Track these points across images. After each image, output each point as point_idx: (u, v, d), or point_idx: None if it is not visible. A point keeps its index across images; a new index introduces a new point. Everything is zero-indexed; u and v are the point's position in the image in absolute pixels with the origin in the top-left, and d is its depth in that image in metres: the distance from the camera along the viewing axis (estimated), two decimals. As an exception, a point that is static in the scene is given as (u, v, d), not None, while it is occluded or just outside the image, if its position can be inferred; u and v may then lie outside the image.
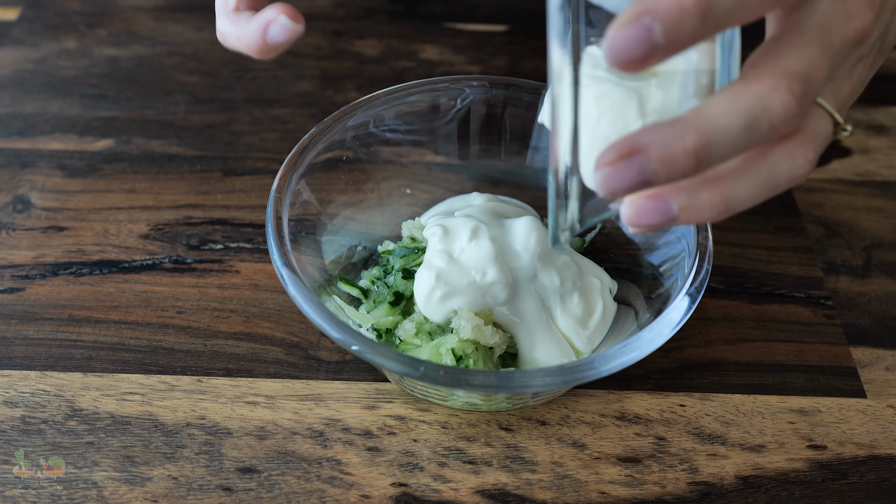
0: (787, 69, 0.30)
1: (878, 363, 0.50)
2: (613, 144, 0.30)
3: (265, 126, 0.63)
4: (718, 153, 0.30)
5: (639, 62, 0.28)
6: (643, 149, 0.29)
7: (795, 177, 0.32)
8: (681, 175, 0.30)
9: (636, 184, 0.30)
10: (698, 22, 0.28)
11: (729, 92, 0.30)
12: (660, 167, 0.29)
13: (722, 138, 0.30)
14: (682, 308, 0.42)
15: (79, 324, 0.50)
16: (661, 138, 0.29)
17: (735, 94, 0.30)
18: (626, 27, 0.27)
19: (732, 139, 0.30)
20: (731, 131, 0.30)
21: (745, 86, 0.30)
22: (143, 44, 0.70)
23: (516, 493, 0.44)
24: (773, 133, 0.30)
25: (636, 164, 0.29)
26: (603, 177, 0.30)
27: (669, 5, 0.27)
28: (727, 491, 0.44)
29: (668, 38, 0.28)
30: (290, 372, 0.48)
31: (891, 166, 0.62)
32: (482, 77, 0.53)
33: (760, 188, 0.32)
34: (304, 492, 0.43)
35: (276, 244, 0.44)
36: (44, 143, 0.61)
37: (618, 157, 0.29)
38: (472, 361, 0.44)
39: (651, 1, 0.28)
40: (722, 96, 0.30)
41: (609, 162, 0.30)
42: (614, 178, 0.30)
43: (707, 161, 0.30)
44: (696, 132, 0.29)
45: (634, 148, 0.29)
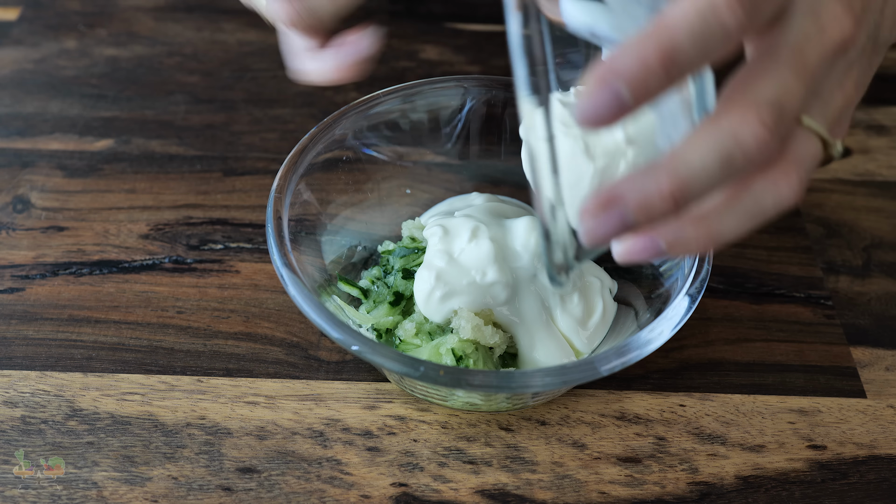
0: (757, 98, 0.30)
1: (878, 363, 0.50)
2: (592, 196, 0.30)
3: (265, 126, 0.63)
4: (696, 192, 0.30)
5: (607, 121, 0.28)
6: (620, 199, 0.30)
7: (782, 204, 0.32)
8: (662, 217, 0.30)
9: (618, 231, 0.30)
10: (663, 76, 0.28)
11: (701, 129, 0.30)
12: (639, 214, 0.30)
13: (697, 178, 0.30)
14: (682, 308, 0.42)
15: (79, 324, 0.50)
16: (637, 186, 0.30)
17: (705, 131, 0.30)
18: (593, 94, 0.28)
19: (708, 177, 0.30)
20: (706, 170, 0.30)
21: (717, 121, 0.30)
22: (143, 44, 0.70)
23: (516, 493, 0.44)
24: (751, 165, 0.30)
25: (616, 215, 0.30)
26: (586, 229, 0.31)
27: (632, 65, 0.28)
28: (727, 491, 0.44)
29: (636, 94, 0.28)
30: (290, 372, 0.48)
31: (891, 166, 0.62)
32: (482, 77, 0.53)
33: (746, 220, 0.32)
34: (304, 492, 0.43)
35: (276, 244, 0.44)
36: (44, 143, 0.61)
37: (597, 208, 0.30)
38: (472, 361, 0.44)
39: (616, 63, 0.28)
40: (692, 136, 0.30)
41: (589, 213, 0.30)
42: (597, 229, 0.30)
43: (685, 201, 0.30)
44: (670, 176, 0.30)
45: (612, 198, 0.30)
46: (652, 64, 0.28)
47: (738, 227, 0.32)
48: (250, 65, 0.68)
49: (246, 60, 0.68)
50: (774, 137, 0.30)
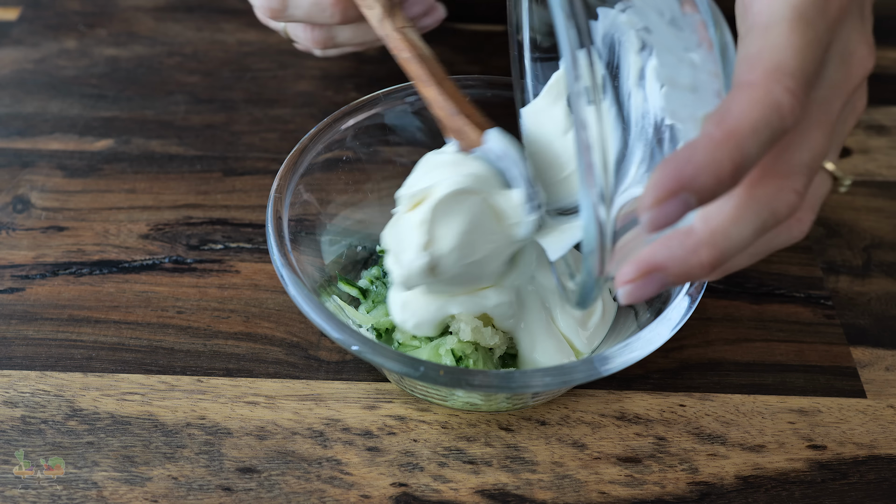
0: (790, 167, 0.31)
1: (878, 363, 0.50)
2: (632, 262, 0.31)
3: (265, 126, 0.63)
4: (730, 258, 0.31)
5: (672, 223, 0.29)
6: (661, 268, 0.31)
7: (791, 243, 0.34)
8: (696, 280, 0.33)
9: (656, 293, 0.31)
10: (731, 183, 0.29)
11: (736, 200, 0.31)
12: (677, 280, 0.31)
13: (734, 246, 0.31)
14: (682, 308, 0.42)
15: (79, 324, 0.50)
16: (678, 256, 0.31)
17: (743, 203, 0.31)
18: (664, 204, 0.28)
19: (743, 244, 0.31)
20: (742, 238, 0.31)
21: (751, 193, 0.31)
22: (143, 44, 0.70)
23: (516, 493, 0.44)
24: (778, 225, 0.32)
25: (656, 281, 0.31)
26: (625, 293, 0.31)
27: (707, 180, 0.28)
28: (727, 491, 0.44)
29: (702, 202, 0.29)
30: (290, 372, 0.48)
31: (891, 166, 0.62)
32: (482, 77, 0.53)
33: (756, 258, 0.34)
34: (304, 492, 0.43)
35: (276, 244, 0.44)
36: (44, 143, 0.61)
37: (638, 275, 0.31)
38: (471, 362, 0.44)
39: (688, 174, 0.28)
40: (729, 205, 0.31)
41: (630, 280, 0.31)
42: (636, 293, 0.31)
43: (721, 266, 0.32)
44: (710, 248, 0.31)
45: (653, 267, 0.31)
46: (724, 176, 0.28)
47: (747, 264, 0.34)
48: (250, 65, 0.68)
49: (246, 60, 0.68)
50: (803, 200, 0.32)
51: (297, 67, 0.68)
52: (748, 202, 0.31)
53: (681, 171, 0.28)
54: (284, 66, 0.68)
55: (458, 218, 0.41)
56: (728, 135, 0.28)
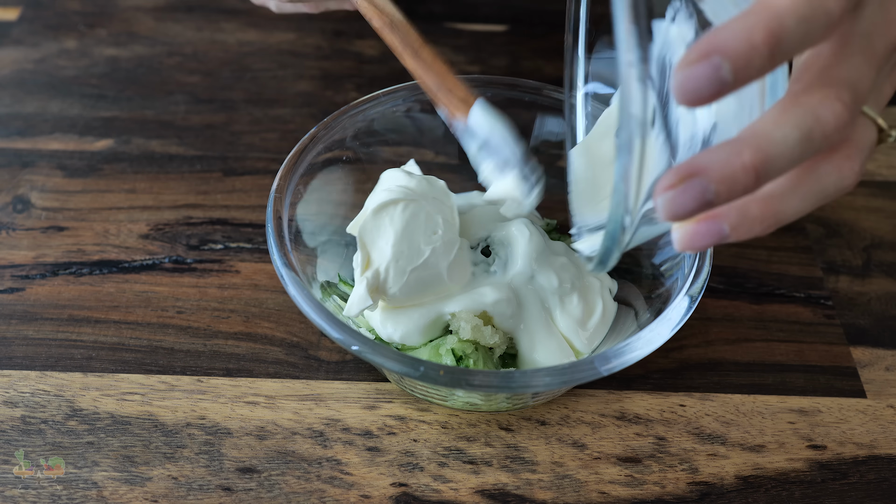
0: (835, 79, 0.30)
1: (878, 363, 0.50)
2: (671, 169, 0.30)
3: (265, 126, 0.63)
4: (776, 167, 0.30)
5: (706, 99, 0.28)
6: (702, 170, 0.29)
7: (842, 188, 0.33)
8: (741, 192, 0.30)
9: (698, 206, 0.29)
10: (767, 57, 0.28)
11: (780, 107, 0.30)
12: (721, 187, 0.29)
13: (778, 152, 0.30)
14: (682, 308, 0.42)
15: (79, 324, 0.50)
16: (719, 158, 0.29)
17: (786, 108, 0.30)
18: (694, 66, 0.27)
19: (789, 152, 0.30)
20: (787, 144, 0.30)
21: (795, 99, 0.30)
22: (143, 44, 0.70)
23: (516, 493, 0.44)
24: (826, 143, 0.30)
25: (697, 186, 0.29)
26: (665, 202, 0.30)
27: (739, 43, 0.27)
28: (727, 491, 0.44)
29: (737, 75, 0.28)
30: (290, 372, 0.48)
31: (891, 166, 0.62)
32: (482, 77, 0.53)
33: (808, 201, 0.32)
34: (304, 492, 0.43)
35: (276, 244, 0.44)
36: (44, 143, 0.61)
37: (678, 180, 0.29)
38: (472, 362, 0.44)
39: (720, 38, 0.27)
40: (773, 112, 0.30)
41: (669, 186, 0.29)
42: (677, 202, 0.29)
43: (766, 176, 0.30)
44: (753, 149, 0.29)
45: (693, 170, 0.29)
46: (758, 44, 0.27)
47: (800, 209, 0.32)
48: (250, 65, 0.68)
49: (246, 60, 0.68)
50: (851, 116, 0.30)
51: (297, 67, 0.68)
52: (791, 106, 0.30)
53: (714, 35, 0.27)
54: (284, 66, 0.68)
55: (388, 229, 0.43)
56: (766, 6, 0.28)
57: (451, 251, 0.44)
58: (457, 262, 0.45)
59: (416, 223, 0.44)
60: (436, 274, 0.44)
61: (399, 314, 0.45)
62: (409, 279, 0.43)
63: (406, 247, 0.43)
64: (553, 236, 0.52)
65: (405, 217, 0.43)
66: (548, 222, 0.54)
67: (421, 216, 0.44)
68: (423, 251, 0.43)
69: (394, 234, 0.43)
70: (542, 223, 0.53)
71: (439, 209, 0.44)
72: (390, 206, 0.44)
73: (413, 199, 0.44)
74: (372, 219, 0.44)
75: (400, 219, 0.43)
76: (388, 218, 0.44)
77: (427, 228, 0.44)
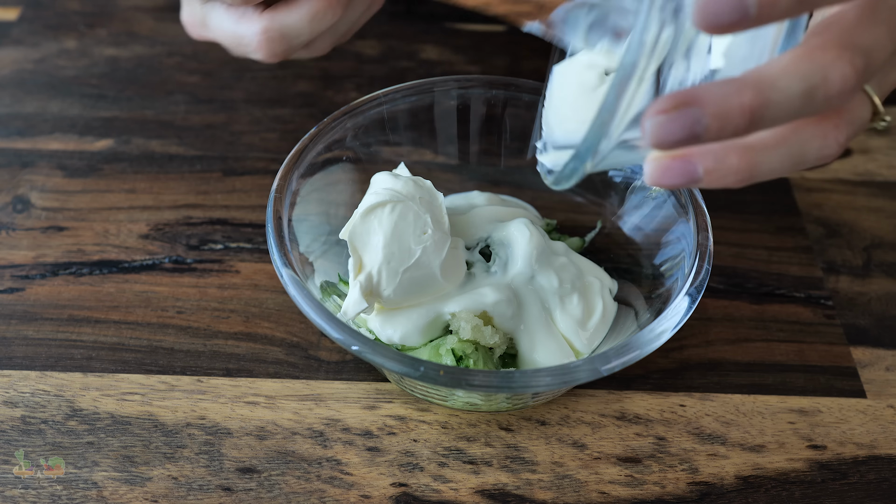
0: (853, 42, 0.30)
1: (878, 363, 0.50)
2: (668, 94, 0.29)
3: (265, 126, 0.63)
4: (771, 116, 0.29)
5: (724, 27, 0.27)
6: (699, 101, 0.28)
7: (822, 157, 0.32)
8: (730, 134, 0.29)
9: (686, 136, 0.29)
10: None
11: (791, 56, 0.29)
12: (713, 122, 0.28)
13: (778, 100, 0.29)
14: (682, 308, 0.42)
15: (79, 324, 0.50)
16: (719, 92, 0.29)
17: (797, 59, 0.29)
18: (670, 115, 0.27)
19: (788, 103, 0.29)
20: (789, 95, 0.29)
21: (809, 52, 0.29)
22: (143, 44, 0.70)
23: (516, 493, 0.44)
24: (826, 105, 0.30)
25: (689, 115, 0.28)
26: (653, 125, 0.29)
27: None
28: (727, 491, 0.44)
29: (762, 10, 0.27)
30: (290, 372, 0.48)
31: (891, 166, 0.62)
32: (482, 77, 0.53)
33: (786, 162, 0.32)
34: (304, 492, 0.43)
35: (276, 244, 0.44)
36: (44, 143, 0.61)
37: (672, 106, 0.28)
38: (472, 362, 0.44)
39: None
40: (784, 59, 0.29)
41: (662, 111, 0.29)
42: (666, 127, 0.29)
43: (760, 122, 0.29)
44: (755, 90, 0.29)
45: (690, 99, 0.28)
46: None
47: (777, 169, 0.32)
48: (250, 65, 0.68)
49: (246, 60, 0.68)
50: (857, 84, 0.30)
51: (297, 67, 0.68)
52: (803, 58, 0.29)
53: None
54: (284, 66, 0.68)
55: (378, 232, 0.44)
56: None
57: (443, 250, 0.44)
58: (449, 260, 0.45)
59: (405, 224, 0.44)
60: (429, 273, 0.44)
61: (397, 315, 0.45)
62: (403, 280, 0.44)
63: (397, 248, 0.43)
64: (553, 236, 0.52)
65: (393, 218, 0.44)
66: (548, 222, 0.54)
67: (409, 217, 0.44)
68: (413, 251, 0.44)
69: (383, 236, 0.43)
70: (542, 223, 0.53)
71: (427, 209, 0.44)
72: (378, 208, 0.44)
73: (400, 200, 0.44)
74: (361, 222, 0.44)
75: (388, 220, 0.44)
76: (377, 220, 0.44)
77: (416, 228, 0.44)
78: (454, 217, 0.50)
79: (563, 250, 0.49)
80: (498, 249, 0.48)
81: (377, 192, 0.45)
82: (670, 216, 0.48)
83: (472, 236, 0.49)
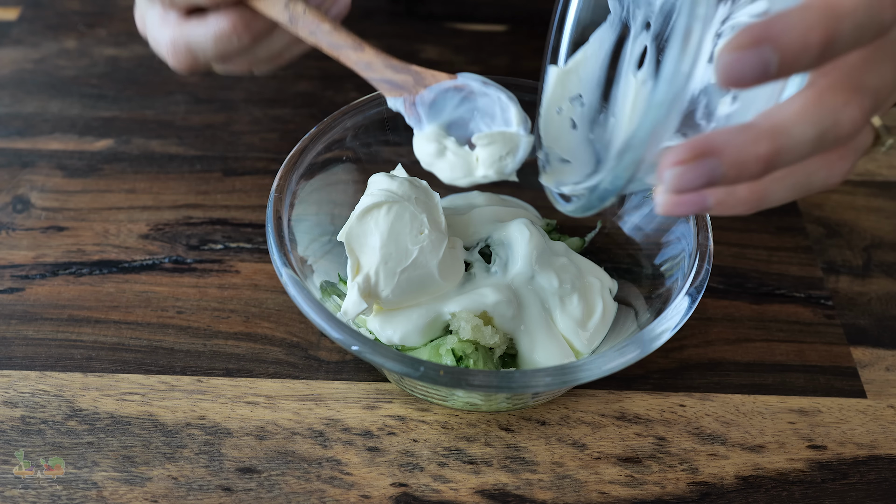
0: (861, 84, 0.30)
1: (878, 363, 0.50)
2: (687, 143, 0.29)
3: (265, 126, 0.63)
4: (784, 161, 0.30)
5: (745, 85, 0.28)
6: (717, 152, 0.29)
7: (828, 185, 0.33)
8: (746, 179, 0.30)
9: (704, 184, 0.29)
10: (815, 57, 0.28)
11: (804, 101, 0.30)
12: (730, 171, 0.29)
13: (792, 146, 0.30)
14: (682, 308, 0.42)
15: (79, 324, 0.50)
16: (736, 143, 0.29)
17: (810, 105, 0.30)
18: (744, 51, 0.27)
19: (801, 148, 0.30)
20: (802, 142, 0.30)
21: (820, 97, 0.30)
22: (143, 44, 0.69)
23: (516, 493, 0.44)
24: (835, 145, 0.30)
25: (707, 166, 0.29)
26: (673, 176, 0.29)
27: (794, 39, 0.27)
28: (727, 491, 0.44)
29: (782, 69, 0.27)
30: (290, 372, 0.48)
31: (891, 166, 0.62)
32: (482, 77, 0.53)
33: (793, 191, 0.32)
34: (304, 492, 0.43)
35: (276, 244, 0.44)
36: (44, 143, 0.61)
37: (691, 156, 0.29)
38: (472, 362, 0.44)
39: (776, 29, 0.27)
40: (796, 104, 0.30)
41: (681, 161, 0.29)
42: (685, 178, 0.29)
43: (774, 168, 0.30)
44: (771, 141, 0.29)
45: (708, 149, 0.29)
46: (812, 44, 0.27)
47: (784, 198, 0.32)
48: (250, 65, 0.68)
49: (246, 60, 0.68)
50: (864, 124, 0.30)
51: (297, 67, 0.68)
52: (815, 105, 0.30)
53: (769, 25, 0.27)
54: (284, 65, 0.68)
55: (374, 233, 0.44)
56: (827, 8, 0.27)
57: (440, 249, 0.44)
58: (447, 259, 0.45)
59: (401, 224, 0.44)
60: (427, 273, 0.44)
61: (396, 316, 0.45)
62: (401, 280, 0.44)
63: (393, 248, 0.44)
64: (553, 236, 0.52)
65: (389, 219, 0.44)
66: (548, 222, 0.54)
67: (405, 217, 0.44)
68: (410, 251, 0.44)
69: (380, 237, 0.44)
70: (542, 223, 0.53)
71: (424, 209, 0.45)
72: (374, 209, 0.44)
73: (396, 200, 0.44)
74: (357, 224, 0.44)
75: (384, 221, 0.44)
76: (373, 222, 0.44)
77: (413, 229, 0.44)
78: (454, 217, 0.50)
79: (563, 250, 0.49)
80: (498, 249, 0.48)
81: (373, 193, 0.45)
82: (670, 216, 0.48)
83: (472, 236, 0.49)
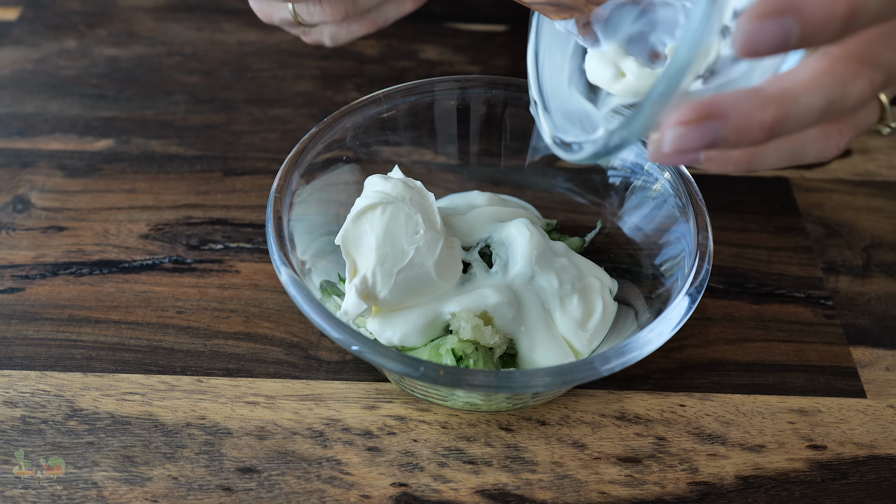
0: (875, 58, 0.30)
1: (878, 363, 0.50)
2: (692, 104, 0.29)
3: (265, 126, 0.63)
4: (788, 129, 0.29)
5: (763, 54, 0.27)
6: (722, 115, 0.28)
7: (822, 157, 0.32)
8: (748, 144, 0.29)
9: (705, 146, 0.29)
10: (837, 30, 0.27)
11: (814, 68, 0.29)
12: (731, 135, 0.29)
13: (797, 115, 0.29)
14: (682, 308, 0.42)
15: (79, 324, 0.50)
16: (743, 108, 0.29)
17: (820, 73, 0.29)
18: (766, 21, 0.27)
19: (805, 118, 0.29)
20: (808, 110, 0.29)
21: (831, 65, 0.29)
22: (143, 44, 0.70)
23: (516, 493, 0.44)
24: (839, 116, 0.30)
25: (710, 128, 0.28)
26: (674, 136, 0.29)
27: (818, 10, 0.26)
28: (727, 491, 0.44)
29: (802, 40, 0.27)
30: (290, 372, 0.48)
31: (891, 166, 0.62)
32: (482, 77, 0.53)
33: (785, 158, 0.32)
34: (304, 492, 0.43)
35: (276, 244, 0.44)
36: (44, 143, 0.61)
37: (696, 118, 0.29)
38: (472, 362, 0.44)
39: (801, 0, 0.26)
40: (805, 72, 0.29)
41: (685, 121, 0.29)
42: (687, 139, 0.29)
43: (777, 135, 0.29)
44: (777, 107, 0.29)
45: (714, 112, 0.28)
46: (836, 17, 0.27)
47: (774, 164, 0.32)
48: (250, 65, 0.68)
49: (246, 60, 0.68)
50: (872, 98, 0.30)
51: (297, 67, 0.68)
52: (825, 74, 0.29)
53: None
54: (284, 66, 0.68)
55: (370, 234, 0.44)
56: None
57: (436, 249, 0.44)
58: (444, 259, 0.45)
59: (397, 225, 0.44)
60: (424, 273, 0.44)
61: (395, 317, 0.45)
62: (398, 281, 0.44)
63: (389, 249, 0.44)
64: (553, 236, 0.52)
65: (384, 220, 0.44)
66: (548, 222, 0.54)
67: (400, 217, 0.44)
68: (406, 252, 0.44)
69: (375, 238, 0.44)
70: (542, 223, 0.53)
71: (419, 209, 0.45)
72: (368, 211, 0.44)
73: (390, 201, 0.44)
74: (353, 226, 0.44)
75: (379, 222, 0.44)
76: (368, 223, 0.44)
77: (408, 229, 0.44)
78: (454, 217, 0.50)
79: (563, 250, 0.49)
80: (498, 250, 0.48)
81: (367, 195, 0.45)
82: (670, 216, 0.48)
83: (472, 236, 0.49)
